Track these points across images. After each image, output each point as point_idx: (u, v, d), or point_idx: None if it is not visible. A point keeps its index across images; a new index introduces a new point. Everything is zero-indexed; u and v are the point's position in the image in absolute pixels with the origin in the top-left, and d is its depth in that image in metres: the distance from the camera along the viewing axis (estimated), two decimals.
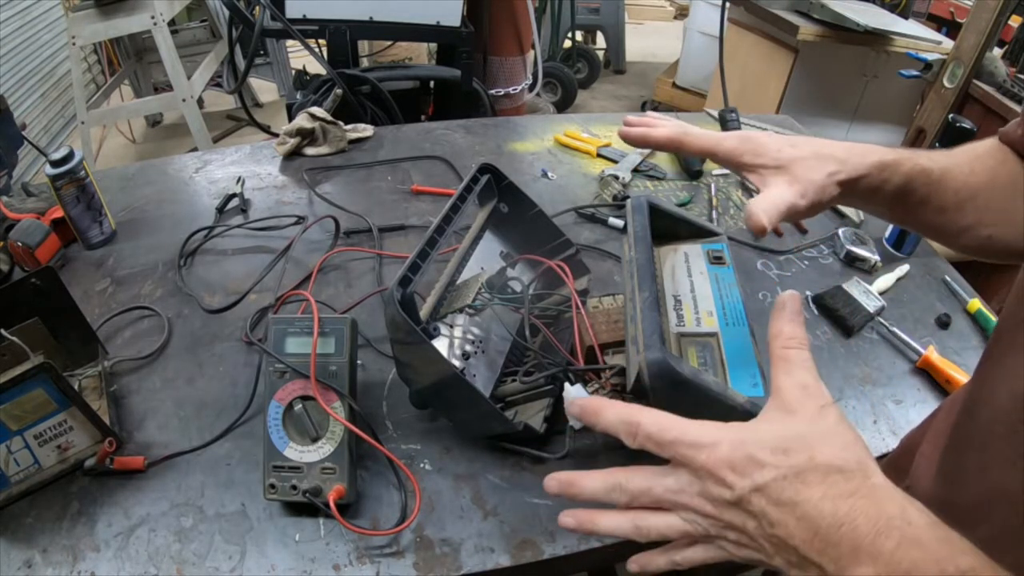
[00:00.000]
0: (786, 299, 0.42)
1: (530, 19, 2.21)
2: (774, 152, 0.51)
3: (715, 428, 0.37)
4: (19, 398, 0.59)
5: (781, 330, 0.41)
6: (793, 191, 0.50)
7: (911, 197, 0.52)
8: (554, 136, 1.31)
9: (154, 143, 3.31)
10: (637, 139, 0.56)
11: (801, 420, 0.37)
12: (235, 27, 1.78)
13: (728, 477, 0.35)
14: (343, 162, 1.19)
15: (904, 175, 0.51)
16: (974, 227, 0.52)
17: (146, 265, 0.94)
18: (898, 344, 0.86)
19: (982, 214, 0.51)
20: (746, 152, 0.52)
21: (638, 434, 0.39)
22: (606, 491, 0.41)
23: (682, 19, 4.34)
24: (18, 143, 1.96)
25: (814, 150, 0.51)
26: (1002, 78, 1.67)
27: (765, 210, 0.48)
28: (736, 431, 0.37)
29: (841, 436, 0.36)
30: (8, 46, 2.72)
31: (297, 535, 0.62)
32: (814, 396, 0.38)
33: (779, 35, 2.27)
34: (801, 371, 0.39)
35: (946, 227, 0.53)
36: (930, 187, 0.51)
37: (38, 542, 0.60)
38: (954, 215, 0.52)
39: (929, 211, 0.52)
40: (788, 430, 0.36)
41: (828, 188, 0.50)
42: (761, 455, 0.35)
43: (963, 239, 0.53)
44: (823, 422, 0.37)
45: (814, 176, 0.50)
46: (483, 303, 0.74)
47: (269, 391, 0.64)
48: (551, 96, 3.61)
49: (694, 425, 0.38)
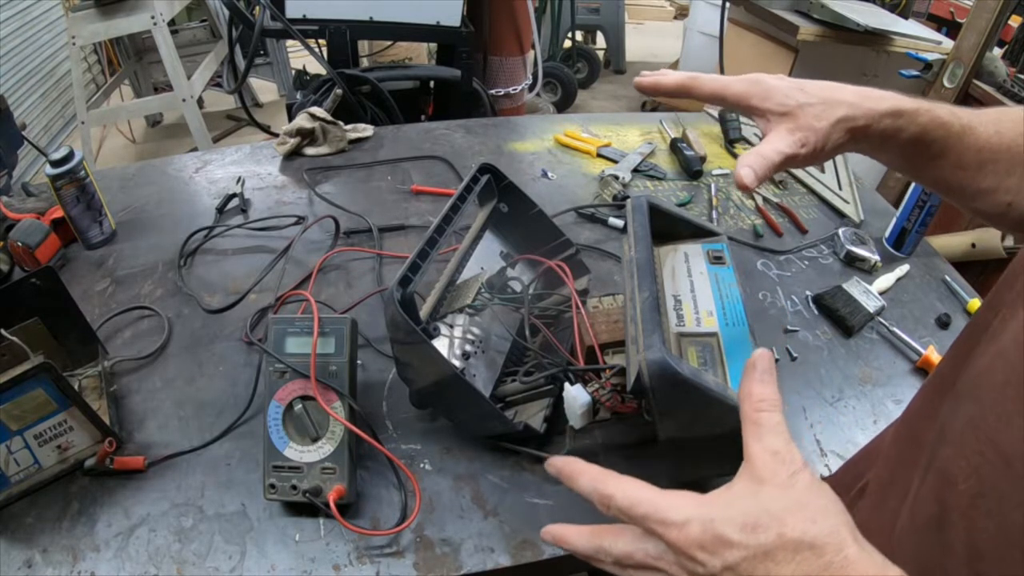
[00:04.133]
0: (756, 358, 0.41)
1: (530, 19, 2.21)
2: (781, 96, 0.51)
3: (685, 503, 0.37)
4: (19, 398, 0.59)
5: (751, 391, 0.40)
6: (792, 140, 0.49)
7: (928, 149, 0.50)
8: (554, 136, 1.31)
9: (154, 143, 3.31)
10: (649, 87, 0.56)
11: (771, 491, 0.36)
12: (235, 27, 1.78)
13: (699, 556, 0.35)
14: (343, 162, 1.19)
15: (921, 125, 0.49)
16: (993, 191, 0.49)
17: (146, 265, 0.94)
18: (898, 344, 0.87)
19: (1003, 179, 0.48)
20: (754, 95, 0.52)
21: (611, 506, 0.39)
22: (593, 551, 0.41)
23: (682, 19, 4.34)
24: (18, 143, 1.96)
25: (823, 95, 0.50)
26: (1002, 78, 1.67)
27: (751, 165, 0.48)
28: (707, 507, 0.36)
29: (812, 505, 0.35)
30: (8, 46, 2.72)
31: (297, 535, 0.62)
32: (785, 462, 0.37)
33: (779, 35, 2.27)
34: (772, 436, 0.38)
35: (963, 187, 0.50)
36: (949, 141, 0.49)
37: (38, 542, 0.60)
38: (974, 175, 0.49)
39: (946, 167, 0.50)
40: (757, 504, 0.36)
41: (833, 135, 0.49)
42: (730, 534, 0.35)
43: (979, 202, 0.50)
44: (793, 491, 0.36)
45: (819, 123, 0.49)
46: (483, 303, 0.74)
47: (269, 391, 0.64)
48: (551, 96, 3.61)
49: (664, 499, 0.38)
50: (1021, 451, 0.31)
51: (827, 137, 0.49)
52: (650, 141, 1.30)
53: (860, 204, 1.13)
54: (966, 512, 0.33)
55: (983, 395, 0.35)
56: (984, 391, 0.35)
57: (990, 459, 0.32)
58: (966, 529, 0.33)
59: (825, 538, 0.33)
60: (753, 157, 0.49)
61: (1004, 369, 0.34)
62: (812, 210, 1.14)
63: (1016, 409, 0.32)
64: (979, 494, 0.33)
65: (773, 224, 1.08)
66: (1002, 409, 0.33)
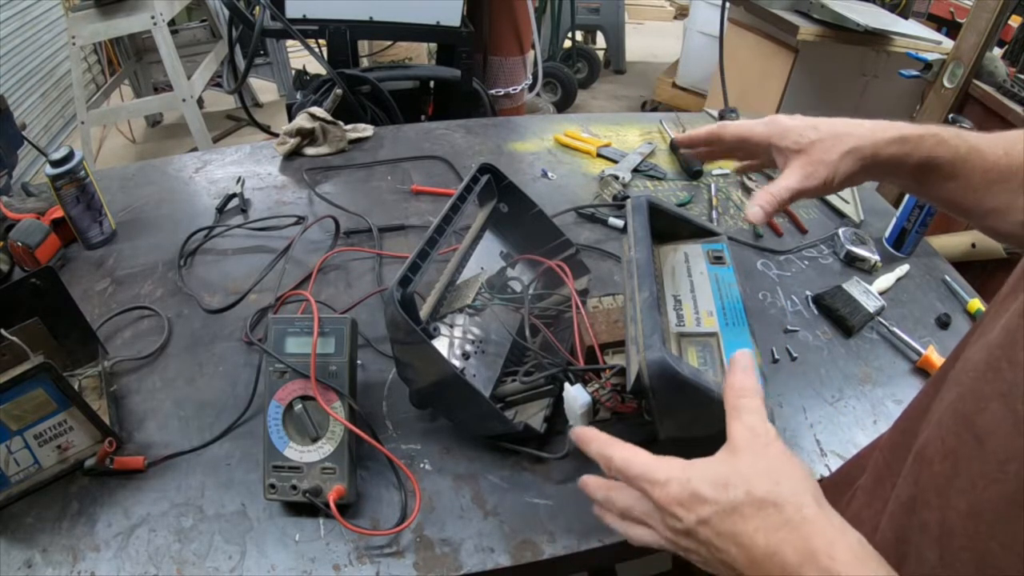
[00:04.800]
0: (738, 356, 0.46)
1: (530, 19, 2.21)
2: (796, 135, 0.57)
3: (670, 466, 0.41)
4: (19, 398, 0.59)
5: (732, 383, 0.45)
6: (801, 174, 0.55)
7: (936, 172, 0.53)
8: (554, 136, 1.31)
9: (154, 143, 3.31)
10: (685, 142, 0.68)
11: (744, 457, 0.40)
12: (235, 27, 1.78)
13: (677, 512, 0.40)
14: (343, 162, 1.19)
15: (927, 150, 0.52)
16: (1004, 211, 0.51)
17: (146, 265, 0.94)
18: (898, 344, 0.86)
19: (1014, 198, 0.50)
20: (774, 135, 0.58)
21: (611, 467, 0.45)
22: (603, 499, 0.47)
23: (682, 19, 4.34)
24: (18, 143, 1.96)
25: (834, 131, 0.55)
26: (1002, 78, 1.67)
27: (761, 204, 0.55)
28: (686, 469, 0.41)
29: (779, 470, 0.39)
30: (8, 46, 2.72)
31: (297, 535, 0.62)
32: (759, 436, 0.41)
33: (779, 35, 2.27)
34: (750, 416, 0.42)
35: (974, 207, 0.53)
36: (956, 163, 0.52)
37: (38, 542, 0.60)
38: (983, 195, 0.52)
39: (956, 189, 0.53)
40: (730, 467, 0.40)
41: (842, 165, 0.53)
42: (704, 491, 0.39)
43: (992, 221, 0.53)
44: (764, 458, 0.40)
45: (828, 156, 0.54)
46: (483, 303, 0.74)
47: (269, 391, 0.64)
48: (551, 96, 3.61)
49: (654, 462, 0.42)
50: (994, 431, 0.32)
51: (836, 168, 0.54)
52: (650, 141, 1.30)
53: (860, 204, 1.13)
54: (942, 491, 0.35)
55: (965, 379, 0.36)
56: (967, 375, 0.36)
57: (965, 440, 0.34)
58: (940, 508, 0.35)
59: (788, 497, 0.37)
60: (764, 196, 0.56)
61: (986, 354, 0.35)
62: (812, 210, 1.14)
63: (993, 391, 0.33)
64: (954, 474, 0.34)
65: (773, 224, 1.08)
66: (980, 392, 0.34)
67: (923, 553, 0.35)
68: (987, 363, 0.34)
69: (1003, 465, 0.31)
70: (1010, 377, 0.32)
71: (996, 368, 0.33)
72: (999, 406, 0.32)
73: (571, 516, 0.64)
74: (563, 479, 0.67)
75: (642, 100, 3.82)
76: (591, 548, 0.61)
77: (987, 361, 0.34)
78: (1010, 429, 0.31)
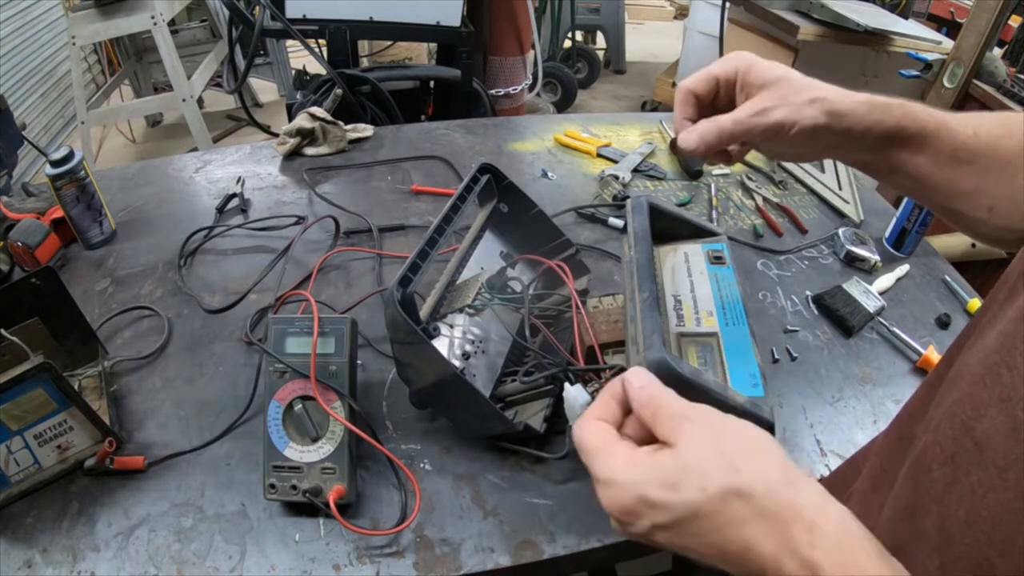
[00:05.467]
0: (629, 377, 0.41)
1: (530, 19, 2.21)
2: (762, 68, 0.52)
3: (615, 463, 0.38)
4: (19, 398, 0.59)
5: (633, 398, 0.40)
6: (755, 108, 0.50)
7: (905, 145, 0.50)
8: (554, 136, 1.31)
9: (154, 143, 3.31)
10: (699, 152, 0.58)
11: (688, 447, 0.36)
12: (235, 27, 1.78)
13: (625, 519, 0.37)
14: (343, 162, 1.19)
15: (895, 118, 0.49)
16: (971, 194, 0.49)
17: (146, 265, 0.94)
18: (898, 344, 0.87)
19: (981, 181, 0.48)
20: (740, 67, 0.53)
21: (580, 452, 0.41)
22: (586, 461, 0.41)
23: (682, 19, 4.34)
24: (18, 143, 1.96)
25: (805, 80, 0.52)
26: (1002, 78, 1.67)
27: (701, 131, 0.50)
28: (630, 469, 0.37)
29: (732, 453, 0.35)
30: (8, 46, 2.72)
31: (297, 535, 0.62)
32: (690, 419, 0.38)
33: (779, 35, 2.27)
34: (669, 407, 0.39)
35: (942, 187, 0.50)
36: (926, 137, 0.49)
37: (38, 542, 0.60)
38: (951, 174, 0.49)
39: (925, 164, 0.50)
40: (677, 461, 0.36)
41: (807, 111, 0.50)
42: (652, 494, 0.35)
43: (960, 204, 0.50)
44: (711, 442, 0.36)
45: (794, 98, 0.50)
46: (483, 303, 0.74)
47: (269, 391, 0.64)
48: (551, 96, 3.61)
49: (602, 456, 0.38)
50: (993, 437, 0.31)
51: (799, 113, 0.50)
52: (650, 141, 1.30)
53: (860, 204, 1.13)
54: (940, 498, 0.34)
55: (963, 385, 0.35)
56: (964, 380, 0.35)
57: (965, 446, 0.33)
58: (939, 515, 0.34)
59: (752, 483, 0.34)
60: (704, 123, 0.50)
61: (984, 359, 0.34)
62: (812, 210, 1.14)
63: (992, 397, 0.32)
64: (953, 481, 0.33)
65: (773, 224, 1.08)
66: (979, 397, 0.33)
67: (922, 561, 0.35)
68: (985, 368, 0.34)
69: (1002, 472, 0.30)
70: (1009, 382, 0.31)
71: (995, 374, 0.33)
72: (998, 412, 0.32)
73: (571, 516, 0.64)
74: (563, 479, 0.67)
75: (642, 100, 3.82)
76: (591, 548, 0.61)
77: (985, 366, 0.34)
78: (1009, 435, 0.30)
